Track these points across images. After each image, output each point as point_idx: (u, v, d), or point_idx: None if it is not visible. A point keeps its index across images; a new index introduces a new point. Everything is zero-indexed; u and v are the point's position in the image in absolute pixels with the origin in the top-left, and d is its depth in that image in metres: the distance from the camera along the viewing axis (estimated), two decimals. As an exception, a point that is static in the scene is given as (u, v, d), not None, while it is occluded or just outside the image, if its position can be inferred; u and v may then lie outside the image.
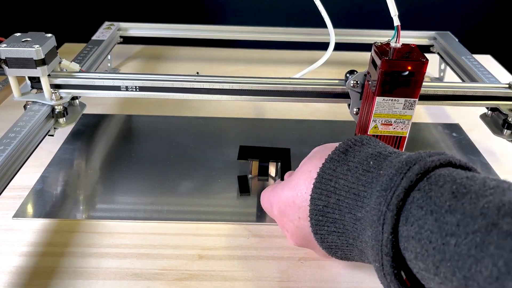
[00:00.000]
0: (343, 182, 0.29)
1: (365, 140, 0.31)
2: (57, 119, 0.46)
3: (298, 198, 0.32)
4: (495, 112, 0.49)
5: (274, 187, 0.36)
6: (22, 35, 0.43)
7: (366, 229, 0.27)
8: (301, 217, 0.32)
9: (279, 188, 0.35)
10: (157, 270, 0.36)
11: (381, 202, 0.25)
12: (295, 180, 0.33)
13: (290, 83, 0.45)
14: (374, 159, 0.28)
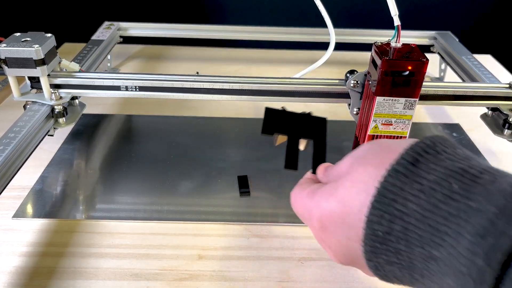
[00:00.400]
0: (414, 206, 0.22)
1: (439, 145, 0.24)
2: (57, 119, 0.46)
3: (348, 216, 0.25)
4: (495, 112, 0.49)
5: (313, 193, 0.29)
6: (21, 35, 0.43)
7: (446, 276, 0.21)
8: (351, 238, 0.25)
9: (321, 197, 0.28)
10: (157, 270, 0.36)
11: (476, 252, 0.19)
12: (344, 191, 0.26)
13: (290, 83, 0.45)
14: (457, 179, 0.21)
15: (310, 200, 0.29)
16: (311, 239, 0.40)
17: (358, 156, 0.27)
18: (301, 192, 0.30)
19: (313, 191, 0.29)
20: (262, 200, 0.44)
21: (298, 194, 0.31)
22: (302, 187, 0.31)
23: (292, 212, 0.43)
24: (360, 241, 0.24)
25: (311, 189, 0.29)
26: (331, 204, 0.26)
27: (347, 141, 0.54)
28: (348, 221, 0.25)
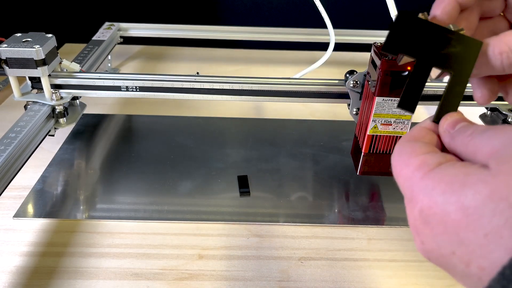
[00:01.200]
0: None
1: None
2: (58, 119, 0.46)
3: (467, 232, 0.17)
4: (494, 112, 0.49)
5: (429, 171, 0.19)
6: (22, 35, 0.44)
7: None
8: (458, 254, 0.18)
9: (441, 181, 0.19)
10: (157, 270, 0.36)
11: None
12: (474, 201, 0.17)
13: (290, 83, 0.45)
14: None
15: (420, 180, 0.20)
16: (311, 238, 0.40)
17: (497, 157, 0.18)
18: (410, 159, 0.20)
19: (429, 167, 0.20)
20: (262, 200, 0.45)
21: (406, 159, 0.21)
22: (413, 148, 0.21)
23: (291, 212, 0.44)
24: (479, 267, 0.17)
25: (427, 162, 0.20)
26: (448, 201, 0.18)
27: (346, 141, 0.54)
28: (464, 238, 0.18)
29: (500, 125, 0.19)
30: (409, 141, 0.22)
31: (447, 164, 0.19)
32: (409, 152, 0.21)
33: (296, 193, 0.46)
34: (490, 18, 0.28)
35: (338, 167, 0.50)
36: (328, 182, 0.47)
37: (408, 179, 0.20)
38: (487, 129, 0.19)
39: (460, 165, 0.19)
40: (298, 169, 0.49)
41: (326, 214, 0.43)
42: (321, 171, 0.49)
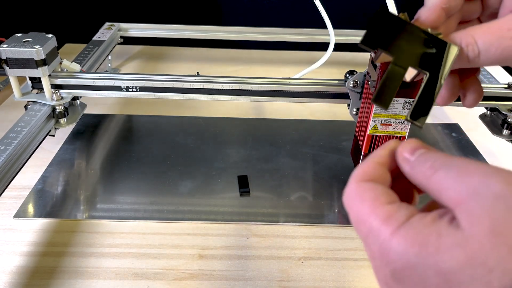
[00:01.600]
0: None
1: None
2: (58, 119, 0.46)
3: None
4: (494, 112, 0.49)
5: (390, 218, 0.18)
6: (23, 36, 0.44)
7: None
8: None
9: (415, 242, 0.17)
10: (157, 270, 0.37)
11: None
12: (452, 267, 0.16)
13: (290, 83, 0.45)
14: None
15: (390, 238, 0.18)
16: (311, 238, 0.40)
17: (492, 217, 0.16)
18: (375, 210, 0.19)
19: (398, 222, 0.18)
20: (262, 200, 0.45)
21: (369, 209, 0.19)
22: (375, 194, 0.19)
23: (291, 212, 0.44)
24: None
25: (394, 215, 0.18)
26: (427, 269, 0.17)
27: (346, 141, 0.54)
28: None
29: (464, 162, 0.18)
30: (367, 181, 0.20)
31: (416, 220, 0.18)
32: (371, 199, 0.19)
33: (296, 193, 0.46)
34: (467, 22, 0.29)
35: (338, 167, 0.50)
36: (328, 182, 0.47)
37: (374, 233, 0.19)
38: (450, 167, 0.18)
39: (430, 222, 0.18)
40: (298, 169, 0.49)
41: (326, 214, 0.43)
42: (321, 171, 0.49)
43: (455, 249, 0.16)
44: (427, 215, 0.18)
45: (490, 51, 0.23)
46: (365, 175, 0.21)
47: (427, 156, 0.19)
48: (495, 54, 0.23)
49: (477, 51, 0.23)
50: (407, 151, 0.20)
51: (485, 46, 0.23)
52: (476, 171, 0.17)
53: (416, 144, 0.20)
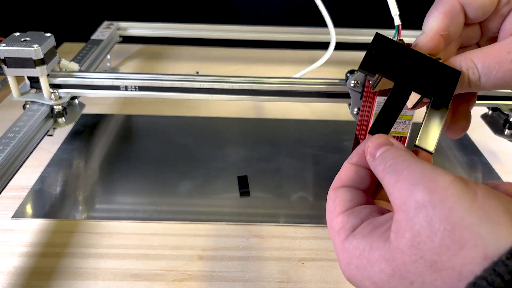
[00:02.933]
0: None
1: None
2: (56, 119, 0.46)
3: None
4: (496, 112, 0.49)
5: (346, 230, 0.20)
6: (21, 35, 0.43)
7: None
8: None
9: (353, 255, 0.19)
10: (156, 271, 0.36)
11: None
12: (381, 279, 0.18)
13: (290, 83, 0.45)
14: None
15: (340, 249, 0.20)
16: (311, 239, 0.40)
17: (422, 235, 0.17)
18: (333, 221, 0.21)
19: (345, 233, 0.20)
20: (262, 200, 0.44)
21: (330, 218, 0.22)
22: (335, 204, 0.22)
23: (292, 213, 0.43)
24: None
25: (344, 226, 0.21)
26: (365, 280, 0.19)
27: (347, 141, 0.54)
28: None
29: (405, 166, 0.19)
30: (336, 189, 0.23)
31: (358, 232, 0.20)
32: (332, 210, 0.22)
33: (296, 193, 0.45)
34: (466, 47, 0.28)
35: (338, 167, 0.49)
36: (329, 182, 0.46)
37: (333, 241, 0.21)
38: (393, 172, 0.19)
39: (368, 234, 0.19)
40: (298, 169, 0.49)
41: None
42: (321, 171, 0.49)
43: (382, 263, 0.18)
44: (369, 223, 0.20)
45: (490, 74, 0.23)
46: (337, 181, 0.24)
47: (384, 156, 0.20)
48: (496, 77, 0.23)
49: (477, 74, 0.23)
50: (372, 148, 0.21)
51: (484, 70, 0.23)
52: (407, 178, 0.18)
53: (380, 140, 0.21)
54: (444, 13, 0.25)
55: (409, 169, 0.18)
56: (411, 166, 0.19)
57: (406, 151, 0.20)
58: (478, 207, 0.16)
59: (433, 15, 0.25)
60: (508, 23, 0.25)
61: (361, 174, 0.23)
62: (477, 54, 0.23)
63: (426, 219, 0.17)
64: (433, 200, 0.17)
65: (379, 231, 0.19)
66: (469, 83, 0.23)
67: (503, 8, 0.25)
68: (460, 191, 0.17)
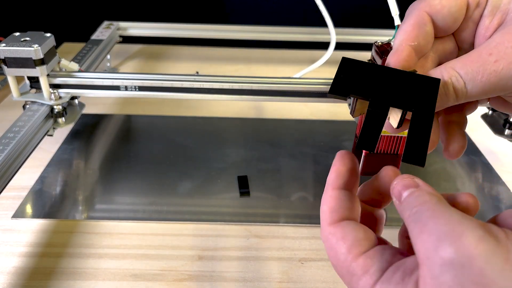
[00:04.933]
0: None
1: None
2: (56, 119, 0.46)
3: None
4: (496, 112, 0.49)
5: (373, 275, 0.19)
6: (21, 35, 0.43)
7: None
8: None
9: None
10: (156, 271, 0.36)
11: None
12: None
13: (290, 83, 0.45)
14: None
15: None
16: (311, 239, 0.40)
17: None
18: (352, 264, 0.19)
19: (372, 279, 0.19)
20: (262, 200, 0.44)
21: (345, 260, 0.19)
22: (344, 244, 0.20)
23: (292, 213, 0.43)
24: None
25: (369, 270, 0.19)
26: None
27: (347, 141, 0.54)
28: None
29: (430, 215, 0.17)
30: (337, 224, 0.20)
31: (388, 278, 0.18)
32: (345, 251, 0.19)
33: (296, 194, 0.45)
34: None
35: (338, 167, 0.49)
36: (329, 182, 0.47)
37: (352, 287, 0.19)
38: (417, 221, 0.17)
39: (400, 282, 0.18)
40: (298, 169, 0.49)
41: (327, 215, 0.43)
42: (321, 171, 0.49)
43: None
44: (398, 268, 0.18)
45: (475, 79, 0.21)
46: (335, 213, 0.21)
47: (409, 201, 0.19)
48: (482, 81, 0.21)
49: (461, 81, 0.22)
50: (397, 191, 0.20)
51: (468, 75, 0.22)
52: (432, 231, 0.17)
53: (405, 182, 0.20)
54: (411, 25, 0.24)
55: (434, 220, 0.17)
56: (436, 216, 0.17)
57: (432, 196, 0.18)
58: (511, 268, 0.15)
59: (401, 29, 0.24)
60: (482, 28, 0.24)
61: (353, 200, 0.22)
62: (457, 62, 0.22)
63: (454, 280, 0.15)
64: (460, 260, 0.15)
65: (411, 280, 0.17)
66: (455, 92, 0.22)
67: (473, 14, 0.24)
68: (491, 249, 0.15)
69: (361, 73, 0.23)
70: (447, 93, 0.22)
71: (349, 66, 0.23)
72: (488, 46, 0.22)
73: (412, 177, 0.20)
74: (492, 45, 0.22)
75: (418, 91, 0.22)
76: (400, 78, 0.23)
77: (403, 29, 0.24)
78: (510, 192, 0.46)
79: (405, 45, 0.24)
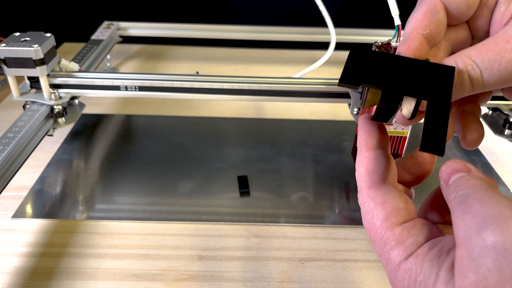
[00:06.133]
0: None
1: None
2: (56, 119, 0.46)
3: None
4: (496, 112, 0.49)
5: (407, 249, 0.18)
6: (21, 35, 0.43)
7: None
8: None
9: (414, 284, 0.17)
10: (156, 271, 0.36)
11: None
12: None
13: (290, 83, 0.45)
14: None
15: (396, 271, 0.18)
16: (311, 239, 0.40)
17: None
18: (379, 223, 0.19)
19: (406, 252, 0.18)
20: (262, 200, 0.44)
21: (374, 219, 0.19)
22: (385, 209, 0.19)
23: (292, 213, 0.43)
24: None
25: (404, 243, 0.18)
26: None
27: (347, 141, 0.54)
28: None
29: (478, 197, 0.17)
30: (377, 188, 0.20)
31: (422, 253, 0.18)
32: (382, 218, 0.19)
33: (296, 193, 0.45)
34: None
35: (338, 167, 0.49)
36: (329, 182, 0.47)
37: (385, 257, 0.19)
38: (462, 202, 0.17)
39: (434, 259, 0.17)
40: (298, 169, 0.49)
41: (327, 215, 0.43)
42: (321, 171, 0.49)
43: None
44: (435, 244, 0.18)
45: (492, 68, 0.20)
46: (375, 175, 0.20)
47: (457, 184, 0.18)
48: (499, 69, 0.20)
49: (478, 70, 0.21)
50: (446, 173, 0.19)
51: (485, 64, 0.21)
52: (478, 212, 0.16)
53: (456, 165, 0.19)
54: (423, 13, 0.23)
55: (481, 202, 0.16)
56: (485, 199, 0.16)
57: (482, 181, 0.18)
58: None
59: (412, 17, 0.24)
60: (497, 15, 0.23)
61: (390, 160, 0.21)
62: (473, 50, 0.21)
63: (494, 263, 0.15)
64: (505, 244, 0.15)
65: (448, 259, 0.17)
66: (471, 82, 0.21)
67: (488, 0, 0.23)
68: None
69: (372, 62, 0.22)
70: (462, 82, 0.21)
71: (359, 56, 0.22)
72: (505, 34, 0.21)
73: (464, 162, 0.19)
74: (510, 32, 0.21)
75: (433, 80, 0.21)
76: (412, 66, 0.22)
77: (414, 17, 0.23)
78: (510, 192, 0.46)
79: (417, 33, 0.23)
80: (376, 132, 0.21)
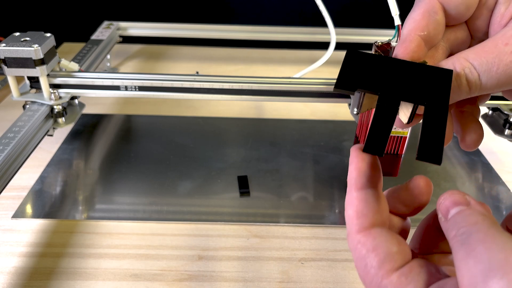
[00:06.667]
0: None
1: None
2: (56, 119, 0.46)
3: None
4: (496, 112, 0.49)
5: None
6: (21, 35, 0.43)
7: None
8: None
9: None
10: (156, 271, 0.36)
11: None
12: None
13: (290, 83, 0.45)
14: None
15: None
16: (311, 239, 0.40)
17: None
18: (373, 270, 0.18)
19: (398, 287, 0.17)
20: (262, 200, 0.44)
21: (367, 266, 0.18)
22: (378, 255, 0.18)
23: (292, 213, 0.43)
24: None
25: (394, 278, 0.18)
26: None
27: (347, 141, 0.54)
28: None
29: (481, 239, 0.16)
30: (366, 232, 0.19)
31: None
32: (375, 264, 0.18)
33: (296, 194, 0.45)
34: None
35: (338, 167, 0.49)
36: (329, 182, 0.47)
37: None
38: (464, 243, 0.16)
39: None
40: (298, 169, 0.49)
41: (327, 215, 0.43)
42: (321, 171, 0.49)
43: None
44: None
45: (491, 71, 0.20)
46: (364, 218, 0.19)
47: (456, 220, 0.17)
48: (498, 73, 0.20)
49: (476, 73, 0.20)
50: (444, 206, 0.18)
51: (483, 67, 0.20)
52: (482, 257, 0.15)
53: (455, 198, 0.18)
54: (421, 13, 0.22)
55: (485, 244, 0.15)
56: (487, 241, 0.15)
57: (484, 218, 0.17)
58: None
59: (410, 18, 0.23)
60: (497, 15, 0.22)
61: (381, 200, 0.20)
62: (471, 52, 0.21)
63: None
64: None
65: None
66: (468, 85, 0.21)
67: (487, 0, 0.23)
68: None
69: (368, 65, 0.22)
70: (459, 85, 0.21)
71: (355, 58, 0.22)
72: (504, 36, 0.20)
73: (463, 193, 0.18)
74: (509, 34, 0.20)
75: (430, 84, 0.21)
76: (409, 70, 0.21)
77: (412, 17, 0.23)
78: (510, 192, 0.46)
79: (414, 35, 0.22)
80: (366, 168, 0.20)
